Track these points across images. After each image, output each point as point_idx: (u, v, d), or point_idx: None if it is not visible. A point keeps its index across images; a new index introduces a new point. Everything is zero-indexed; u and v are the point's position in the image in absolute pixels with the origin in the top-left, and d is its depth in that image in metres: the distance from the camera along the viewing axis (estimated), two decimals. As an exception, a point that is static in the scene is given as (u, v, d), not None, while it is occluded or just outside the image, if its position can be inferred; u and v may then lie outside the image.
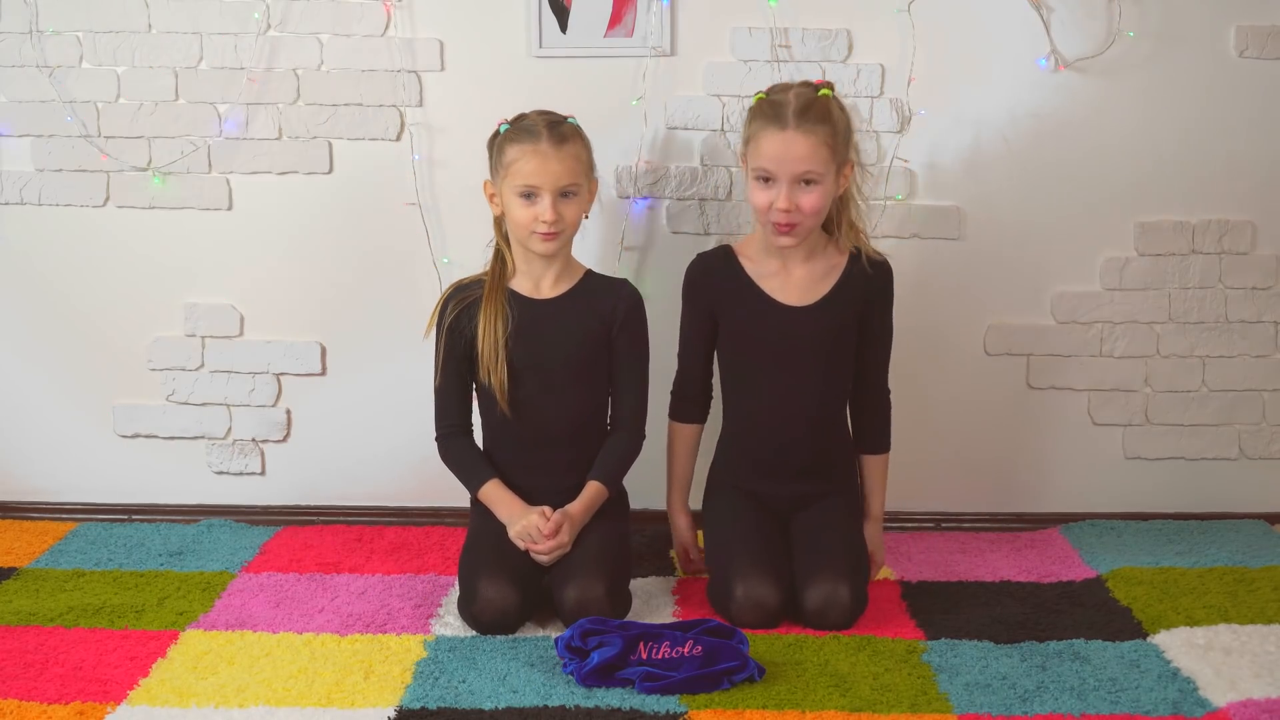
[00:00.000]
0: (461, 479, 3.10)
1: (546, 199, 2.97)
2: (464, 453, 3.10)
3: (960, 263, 3.50)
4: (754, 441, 3.11)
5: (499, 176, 3.03)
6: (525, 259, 3.07)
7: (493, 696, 2.57)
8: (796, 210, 2.94)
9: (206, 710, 2.53)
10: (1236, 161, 3.47)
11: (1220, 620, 2.87)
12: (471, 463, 3.09)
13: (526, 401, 3.04)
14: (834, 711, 2.51)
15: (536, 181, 2.97)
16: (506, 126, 3.04)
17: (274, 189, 3.52)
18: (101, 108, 3.50)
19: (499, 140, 3.04)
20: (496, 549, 2.95)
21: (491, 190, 3.08)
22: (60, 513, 3.62)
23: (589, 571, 2.88)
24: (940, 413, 3.55)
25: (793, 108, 2.93)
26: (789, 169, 2.92)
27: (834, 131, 2.94)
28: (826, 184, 2.95)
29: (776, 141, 2.93)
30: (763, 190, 2.96)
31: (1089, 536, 3.42)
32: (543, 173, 2.96)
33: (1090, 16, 3.41)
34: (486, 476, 3.05)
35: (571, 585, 2.87)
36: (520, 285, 3.08)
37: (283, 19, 3.46)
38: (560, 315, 3.06)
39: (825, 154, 2.93)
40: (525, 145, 2.98)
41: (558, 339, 3.05)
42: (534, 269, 3.08)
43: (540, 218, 2.97)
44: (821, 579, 2.88)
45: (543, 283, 3.08)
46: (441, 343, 3.07)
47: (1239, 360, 3.54)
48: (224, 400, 3.59)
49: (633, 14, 3.42)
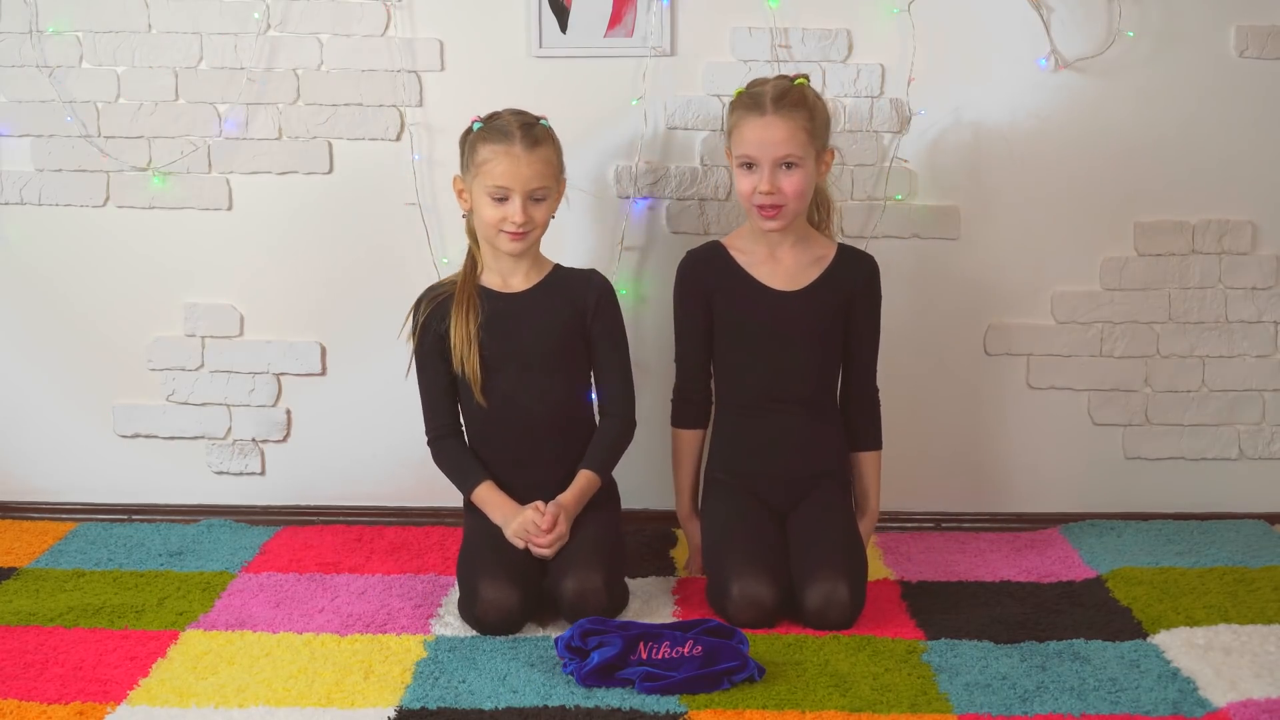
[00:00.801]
0: (454, 481, 3.12)
1: (517, 201, 2.98)
2: (455, 455, 3.11)
3: (960, 263, 3.50)
4: (750, 427, 3.13)
5: (469, 174, 3.05)
6: (493, 256, 3.09)
7: (493, 696, 2.57)
8: (779, 193, 3.02)
9: (206, 710, 2.52)
10: (1236, 161, 3.47)
11: (1220, 620, 2.87)
12: (463, 465, 3.09)
13: (507, 396, 3.05)
14: (834, 711, 2.51)
15: (507, 183, 2.98)
16: (480, 124, 3.05)
17: (274, 189, 3.52)
18: (101, 108, 3.50)
19: (472, 138, 3.06)
20: (495, 549, 2.95)
21: (461, 186, 3.10)
22: (60, 513, 3.62)
23: (586, 563, 2.89)
24: (940, 413, 3.55)
25: (770, 95, 3.03)
26: (769, 153, 3.00)
27: (811, 116, 3.03)
28: (807, 168, 3.03)
29: (756, 127, 3.01)
30: (746, 177, 3.05)
31: (1089, 536, 3.42)
32: (514, 175, 2.98)
33: (1090, 16, 3.41)
34: (479, 479, 3.06)
35: (569, 577, 2.87)
36: (490, 281, 3.10)
37: (283, 19, 3.46)
38: (532, 307, 3.08)
39: (803, 138, 3.01)
40: (498, 146, 3.00)
41: (532, 330, 3.06)
42: (502, 265, 3.10)
43: (510, 219, 2.99)
44: (821, 578, 2.88)
45: (512, 278, 3.10)
46: (415, 344, 3.11)
47: (1239, 360, 3.54)
48: (224, 400, 3.60)
49: (633, 14, 3.42)
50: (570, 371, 3.10)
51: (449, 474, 3.12)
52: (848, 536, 3.01)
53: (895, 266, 3.39)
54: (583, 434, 3.12)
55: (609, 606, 2.88)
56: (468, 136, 3.07)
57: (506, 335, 3.05)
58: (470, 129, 3.07)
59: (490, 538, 2.99)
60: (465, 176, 3.08)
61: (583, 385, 3.13)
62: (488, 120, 3.05)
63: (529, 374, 3.06)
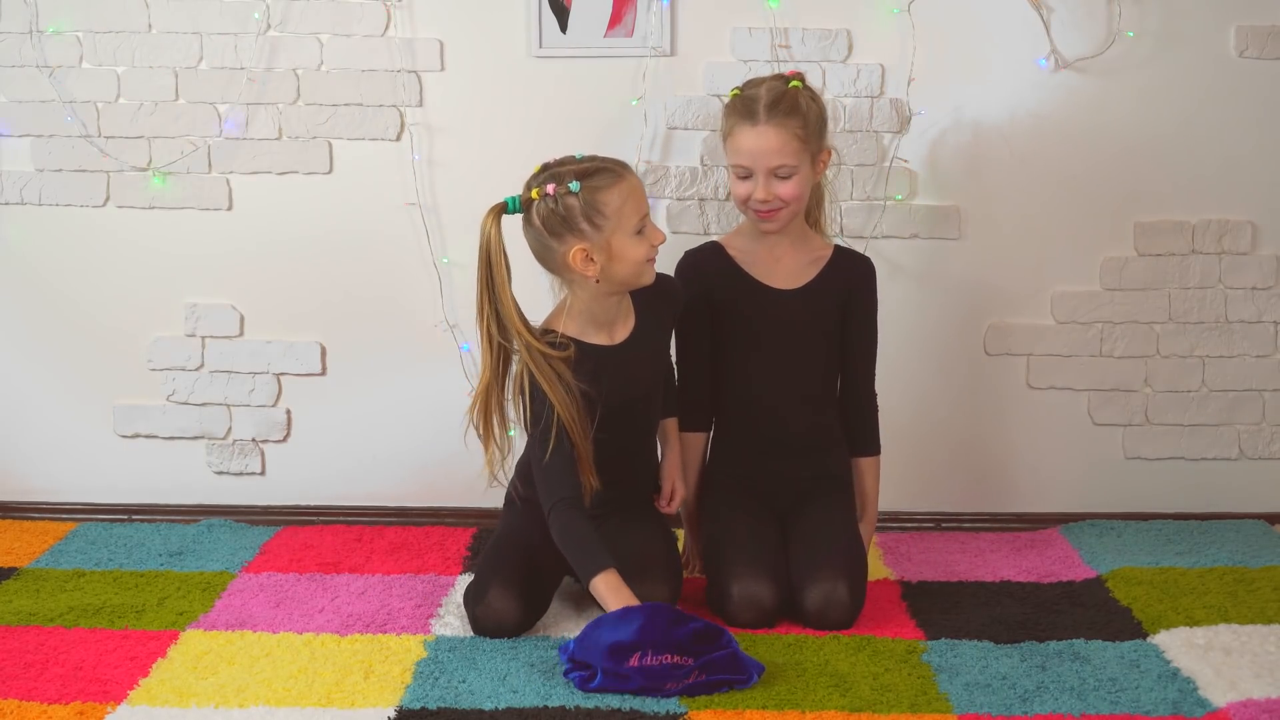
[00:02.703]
0: (573, 562, 2.80)
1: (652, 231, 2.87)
2: (580, 533, 2.78)
3: (960, 263, 3.50)
4: (751, 425, 3.13)
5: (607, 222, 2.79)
6: (588, 315, 2.88)
7: (493, 696, 2.57)
8: (776, 199, 3.02)
9: (206, 710, 2.52)
10: (1236, 161, 3.47)
11: (1220, 620, 2.87)
12: (588, 547, 2.76)
13: (614, 431, 2.89)
14: (834, 711, 2.51)
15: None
16: (578, 184, 2.78)
17: (274, 189, 3.52)
18: (101, 108, 3.50)
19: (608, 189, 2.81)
20: (522, 559, 2.90)
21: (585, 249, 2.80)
22: (60, 513, 3.62)
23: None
24: (940, 413, 3.55)
25: (763, 102, 3.00)
26: (763, 162, 2.99)
27: (805, 123, 3.01)
28: (802, 173, 3.02)
29: (750, 137, 3.00)
30: (741, 184, 3.04)
31: (1089, 536, 3.42)
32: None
33: (1090, 16, 3.41)
34: (604, 564, 2.73)
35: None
36: (597, 338, 2.89)
37: (283, 19, 3.46)
38: (638, 351, 2.94)
39: (797, 145, 3.00)
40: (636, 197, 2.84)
41: (638, 374, 2.94)
42: (600, 318, 2.89)
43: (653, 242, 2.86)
44: (820, 578, 2.88)
45: (615, 331, 2.92)
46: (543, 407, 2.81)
47: (1239, 360, 3.54)
48: (224, 400, 3.60)
49: (633, 14, 3.42)
50: (661, 384, 3.06)
51: (569, 552, 2.79)
52: (848, 536, 3.01)
53: (895, 266, 3.39)
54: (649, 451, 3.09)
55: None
56: (579, 195, 2.77)
57: (615, 386, 2.87)
58: (568, 188, 2.77)
59: (522, 548, 2.91)
60: (596, 232, 2.78)
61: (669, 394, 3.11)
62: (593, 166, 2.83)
63: (634, 412, 2.95)
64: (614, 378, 2.88)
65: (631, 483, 3.03)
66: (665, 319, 3.02)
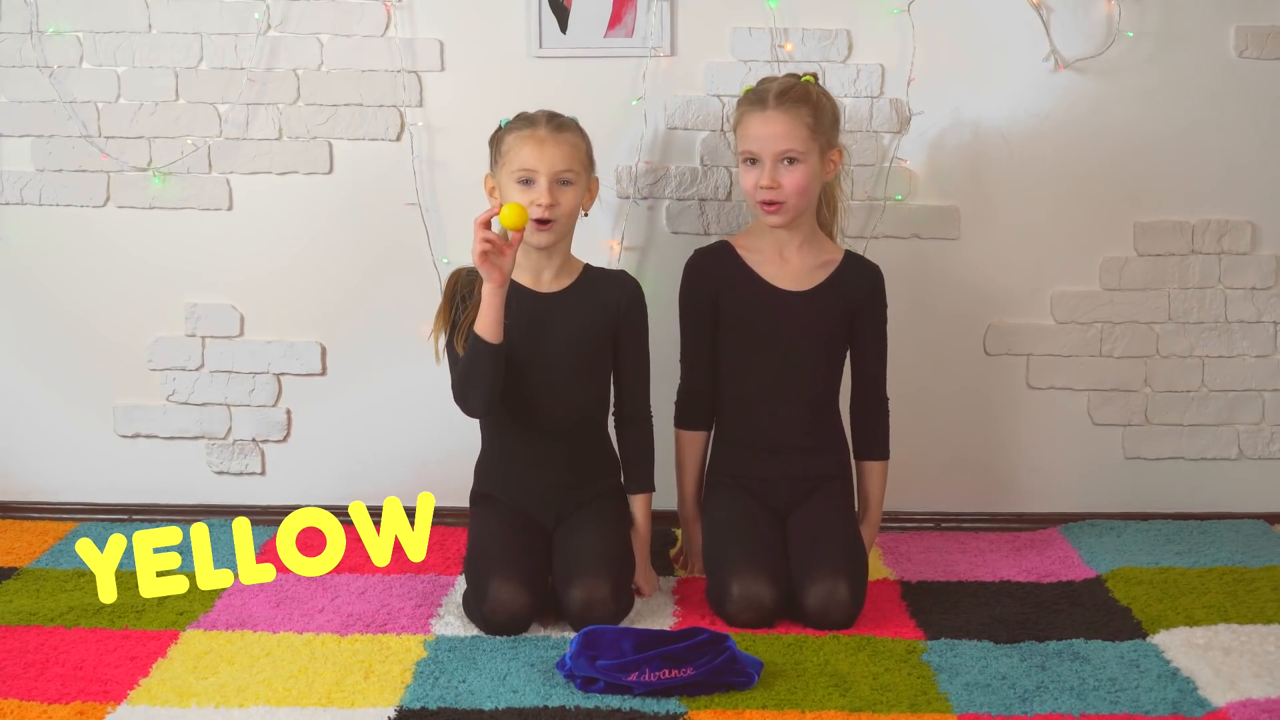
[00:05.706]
0: (466, 361, 2.93)
1: (543, 182, 2.96)
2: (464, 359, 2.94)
3: (960, 263, 3.50)
4: (753, 423, 3.13)
5: (498, 167, 3.03)
6: (524, 252, 3.03)
7: (493, 696, 2.57)
8: (780, 188, 3.02)
9: (206, 710, 2.53)
10: (1236, 161, 3.47)
11: (1220, 620, 2.87)
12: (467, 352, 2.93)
13: (527, 398, 3.02)
14: (834, 711, 2.51)
15: (533, 164, 2.96)
16: (507, 121, 3.05)
17: (274, 189, 3.52)
18: (102, 108, 3.50)
19: (498, 133, 3.05)
20: (505, 549, 2.94)
21: (492, 185, 3.07)
22: (60, 513, 3.62)
23: (594, 571, 2.88)
24: (940, 413, 3.55)
25: (774, 91, 3.04)
26: (770, 147, 3.01)
27: (814, 112, 3.03)
28: (810, 163, 3.03)
29: (758, 121, 3.03)
30: (749, 172, 3.06)
31: (1089, 536, 3.42)
32: (539, 156, 2.96)
33: (1090, 17, 3.41)
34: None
35: (577, 585, 2.86)
36: (521, 278, 3.05)
37: (283, 19, 3.46)
38: (563, 309, 3.05)
39: (804, 133, 3.01)
40: (524, 131, 2.99)
41: (561, 333, 3.04)
42: (533, 262, 3.05)
43: (536, 200, 2.95)
44: (821, 578, 2.88)
45: (543, 276, 3.06)
46: (447, 308, 3.01)
47: (1239, 360, 3.54)
48: (224, 400, 3.60)
49: (633, 14, 3.42)
50: (594, 375, 3.08)
51: (463, 365, 2.94)
52: (848, 536, 3.01)
53: (895, 266, 3.38)
54: (597, 437, 3.11)
55: (615, 614, 2.87)
56: (495, 134, 3.06)
57: (535, 337, 3.02)
58: (499, 127, 3.05)
59: (501, 538, 2.97)
60: (495, 172, 3.06)
61: (604, 388, 3.11)
62: (515, 117, 3.05)
63: (553, 376, 3.03)
64: (524, 320, 2.98)
65: (568, 477, 3.05)
66: (610, 307, 3.06)
